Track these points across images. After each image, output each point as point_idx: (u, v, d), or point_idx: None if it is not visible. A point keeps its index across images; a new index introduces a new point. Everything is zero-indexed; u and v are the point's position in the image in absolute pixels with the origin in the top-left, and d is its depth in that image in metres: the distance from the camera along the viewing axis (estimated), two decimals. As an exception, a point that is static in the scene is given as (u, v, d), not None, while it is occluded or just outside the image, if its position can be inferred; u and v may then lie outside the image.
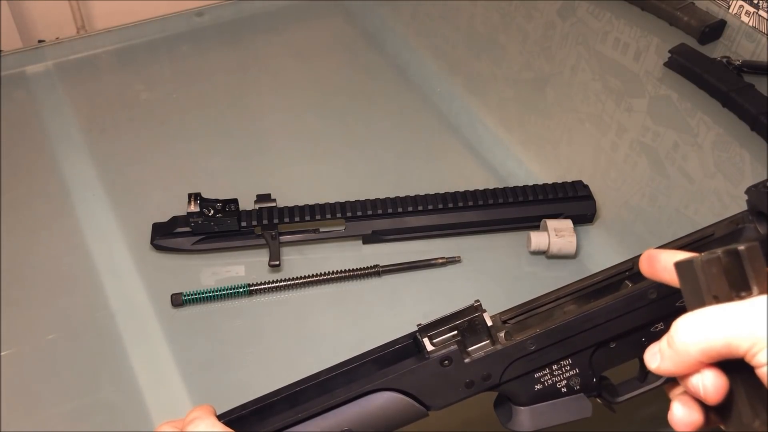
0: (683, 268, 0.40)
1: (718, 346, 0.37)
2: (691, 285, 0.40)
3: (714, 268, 0.38)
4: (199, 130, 0.96)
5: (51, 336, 0.73)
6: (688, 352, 0.38)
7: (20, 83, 1.03)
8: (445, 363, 0.49)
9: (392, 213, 0.80)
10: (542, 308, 0.52)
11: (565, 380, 0.52)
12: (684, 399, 0.43)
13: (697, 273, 0.39)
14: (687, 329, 0.39)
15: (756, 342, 0.36)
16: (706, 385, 0.39)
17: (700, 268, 0.39)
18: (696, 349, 0.38)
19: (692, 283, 0.39)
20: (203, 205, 0.77)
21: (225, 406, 0.50)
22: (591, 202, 0.81)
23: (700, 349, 0.38)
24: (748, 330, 0.36)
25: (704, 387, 0.39)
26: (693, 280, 0.39)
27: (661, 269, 0.45)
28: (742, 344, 0.36)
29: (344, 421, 0.48)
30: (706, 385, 0.39)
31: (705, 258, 0.38)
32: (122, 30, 1.11)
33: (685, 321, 0.39)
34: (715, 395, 0.39)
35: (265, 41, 1.11)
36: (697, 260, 0.39)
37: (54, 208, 0.86)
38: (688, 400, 0.42)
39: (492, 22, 1.14)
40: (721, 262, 0.38)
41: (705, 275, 0.38)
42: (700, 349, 0.38)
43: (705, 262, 0.38)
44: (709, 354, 0.38)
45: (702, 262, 0.38)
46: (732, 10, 1.09)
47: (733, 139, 0.93)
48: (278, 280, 0.76)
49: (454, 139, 0.95)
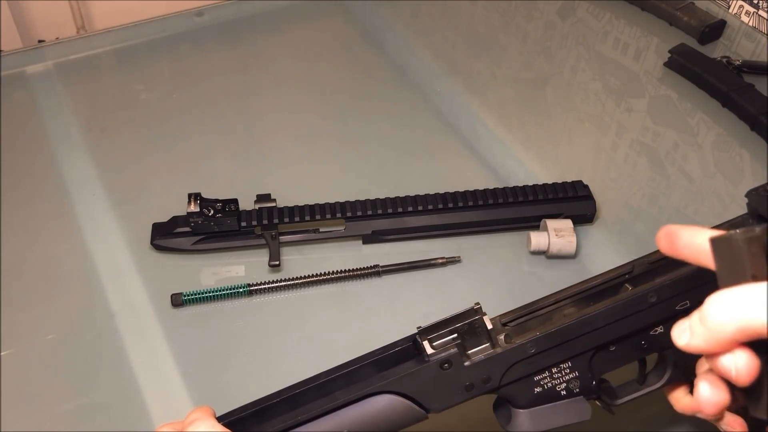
0: (720, 244, 0.38)
1: (756, 325, 0.35)
2: (728, 262, 0.38)
3: (754, 246, 0.37)
4: (199, 130, 0.96)
5: (51, 336, 0.73)
6: (722, 330, 0.37)
7: (20, 83, 1.03)
8: (445, 366, 0.49)
9: (392, 213, 0.80)
10: (542, 311, 0.52)
11: (565, 383, 0.52)
12: (711, 378, 0.41)
13: (736, 251, 0.37)
14: (724, 306, 0.37)
15: None
16: (739, 366, 0.37)
17: (740, 246, 0.37)
18: (731, 328, 0.36)
19: (729, 260, 0.38)
20: (203, 205, 0.77)
21: (225, 406, 0.50)
22: (591, 202, 0.81)
23: (737, 327, 0.36)
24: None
25: (737, 368, 0.37)
26: (730, 257, 0.38)
27: (682, 246, 0.43)
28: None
29: (344, 424, 0.48)
30: (738, 367, 0.37)
31: (745, 236, 0.37)
32: (122, 30, 1.11)
33: (722, 297, 0.37)
34: (748, 377, 0.37)
35: (266, 41, 1.11)
36: (737, 237, 0.37)
37: (54, 208, 0.86)
38: (715, 379, 0.41)
39: (492, 22, 1.14)
40: (761, 240, 0.36)
41: (745, 253, 0.37)
42: (736, 328, 0.36)
43: (745, 239, 0.37)
44: (745, 332, 0.36)
45: (743, 239, 0.37)
46: (732, 10, 1.09)
47: (733, 139, 0.93)
48: (278, 280, 0.76)
49: (454, 139, 0.95)
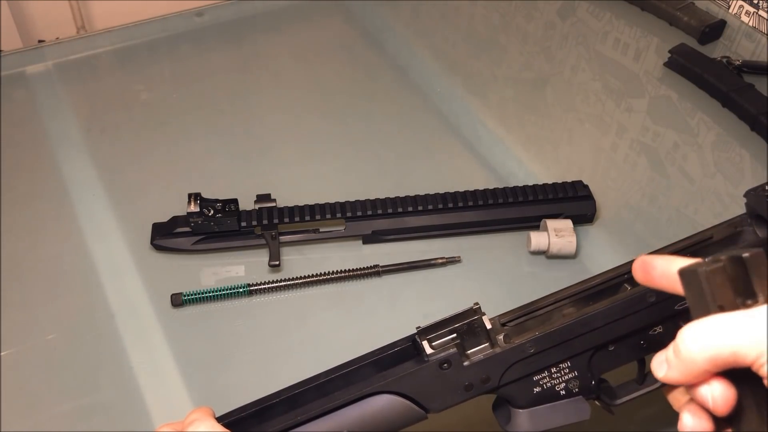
0: (687, 276, 0.39)
1: (724, 355, 0.37)
2: (696, 293, 0.39)
3: (719, 277, 0.37)
4: (199, 130, 0.96)
5: (51, 336, 0.73)
6: (694, 361, 0.38)
7: (20, 83, 1.03)
8: (444, 366, 0.49)
9: (392, 213, 0.80)
10: (541, 311, 0.52)
11: (564, 383, 0.52)
12: (692, 408, 0.42)
13: (701, 282, 0.38)
14: (693, 338, 0.38)
15: (762, 352, 0.36)
16: (715, 396, 0.38)
17: (705, 278, 0.38)
18: (702, 358, 0.38)
19: (697, 291, 0.39)
20: (203, 205, 0.77)
21: (225, 406, 0.50)
22: (591, 202, 0.81)
23: (707, 358, 0.37)
24: (755, 340, 0.36)
25: (713, 398, 0.38)
26: (697, 288, 0.38)
27: (658, 276, 0.44)
28: (749, 354, 0.36)
29: (343, 424, 0.48)
30: (714, 397, 0.38)
31: (709, 267, 0.38)
32: (122, 30, 1.11)
33: (691, 330, 0.38)
34: (724, 406, 0.38)
35: (266, 41, 1.11)
36: (702, 269, 0.38)
37: (54, 208, 0.86)
38: (697, 409, 0.42)
39: (492, 22, 1.14)
40: (726, 270, 0.37)
41: (710, 284, 0.38)
42: (707, 358, 0.37)
43: (710, 272, 0.37)
44: (715, 363, 0.37)
45: (707, 272, 0.38)
46: (732, 10, 1.09)
47: (733, 139, 0.93)
48: (278, 280, 0.77)
49: (454, 139, 0.95)
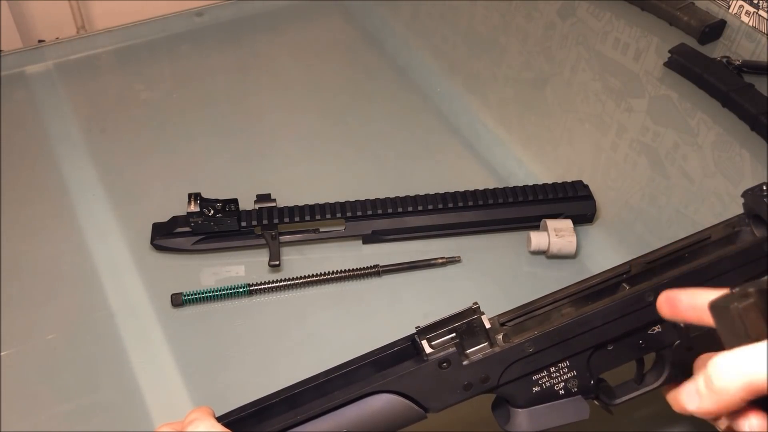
0: (719, 312, 0.40)
1: (759, 382, 0.37)
2: (728, 327, 0.39)
3: (752, 313, 0.38)
4: (199, 130, 0.96)
5: (51, 336, 0.73)
6: (728, 392, 0.38)
7: (20, 83, 1.03)
8: (444, 365, 0.49)
9: (392, 213, 0.80)
10: (540, 311, 0.53)
11: (563, 382, 0.52)
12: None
13: (734, 319, 0.39)
14: (727, 368, 0.38)
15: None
16: (753, 428, 0.39)
17: (738, 314, 0.38)
18: (736, 388, 0.38)
19: (729, 325, 0.39)
20: (203, 205, 0.77)
21: (224, 406, 0.50)
22: (591, 202, 0.81)
23: (742, 387, 0.37)
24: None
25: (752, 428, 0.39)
26: (730, 323, 0.39)
27: (684, 310, 0.45)
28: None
29: (343, 424, 0.48)
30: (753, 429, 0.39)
31: (741, 304, 0.38)
32: (122, 30, 1.11)
33: (725, 360, 0.38)
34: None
35: (265, 41, 1.11)
36: (734, 306, 0.38)
37: (54, 208, 0.86)
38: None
39: (492, 22, 1.14)
40: (758, 306, 0.38)
41: (743, 320, 0.38)
42: (741, 387, 0.37)
43: (743, 309, 0.38)
44: (751, 392, 0.37)
45: (739, 308, 0.38)
46: (732, 10, 1.09)
47: (733, 139, 0.93)
48: (278, 280, 0.77)
49: (454, 139, 0.95)
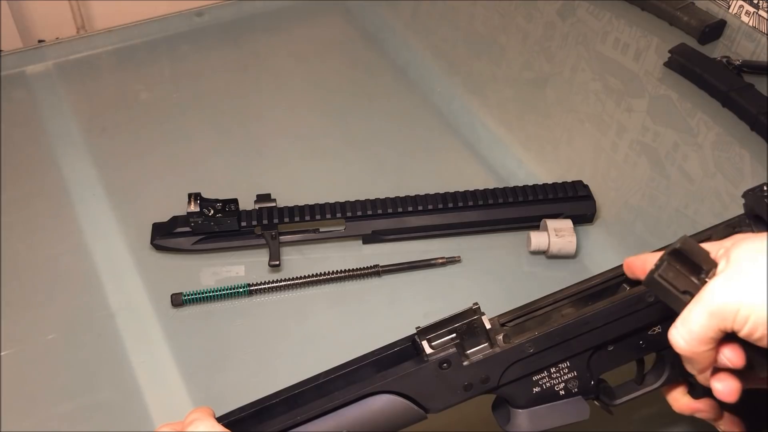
0: (651, 284, 0.46)
1: (710, 335, 0.43)
2: (664, 292, 0.46)
3: (670, 272, 0.45)
4: (199, 130, 0.96)
5: (51, 336, 0.73)
6: (695, 352, 0.44)
7: (20, 83, 1.03)
8: (444, 366, 0.49)
9: (392, 213, 0.80)
10: (540, 311, 0.53)
11: (563, 383, 0.52)
12: (717, 377, 0.47)
13: (661, 283, 0.45)
14: (680, 338, 0.44)
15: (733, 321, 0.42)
16: (730, 357, 0.44)
17: (661, 278, 0.45)
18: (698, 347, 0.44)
19: (663, 291, 0.45)
20: (203, 205, 0.77)
21: (225, 406, 0.50)
22: (591, 202, 0.81)
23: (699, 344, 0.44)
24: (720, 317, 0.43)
25: (729, 360, 0.44)
26: (662, 288, 0.45)
27: (640, 272, 0.50)
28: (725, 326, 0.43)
29: (343, 424, 0.48)
30: (729, 358, 0.44)
31: (659, 269, 0.45)
32: (122, 30, 1.11)
33: (674, 332, 0.45)
34: (739, 360, 0.44)
35: (265, 41, 1.11)
36: (656, 274, 0.45)
37: (54, 208, 0.86)
38: (720, 376, 0.47)
39: (492, 22, 1.14)
40: (671, 264, 0.45)
41: (667, 281, 0.45)
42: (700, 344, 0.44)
43: (662, 271, 0.45)
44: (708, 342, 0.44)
45: (659, 274, 0.45)
46: (732, 10, 1.09)
47: (733, 139, 0.93)
48: (278, 280, 0.77)
49: (454, 139, 0.95)
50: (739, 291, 0.42)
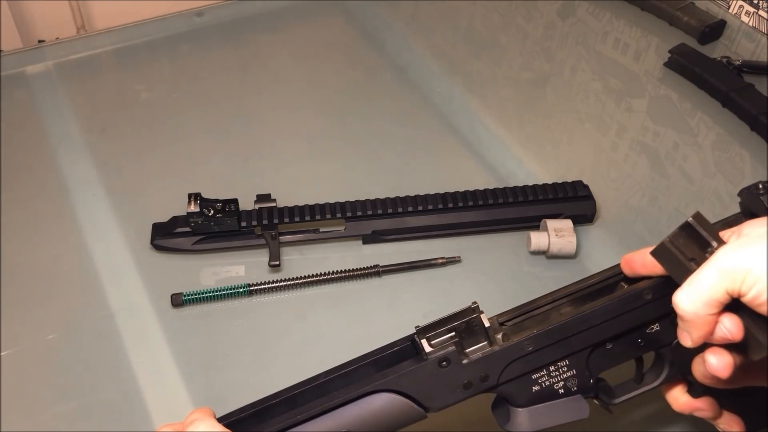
0: (659, 252, 0.47)
1: (717, 297, 0.44)
2: (670, 260, 0.47)
3: (680, 239, 0.46)
4: (199, 130, 0.96)
5: (51, 336, 0.73)
6: (698, 315, 0.44)
7: (20, 83, 1.03)
8: (443, 364, 0.49)
9: (392, 213, 0.80)
10: (539, 310, 0.53)
11: (563, 381, 0.52)
12: (712, 350, 0.47)
13: (670, 249, 0.46)
14: (686, 299, 0.45)
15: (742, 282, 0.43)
16: (728, 327, 0.45)
17: (670, 244, 0.46)
18: (703, 309, 0.44)
19: (670, 258, 0.47)
20: (203, 205, 0.77)
21: (225, 406, 0.50)
22: (591, 202, 0.81)
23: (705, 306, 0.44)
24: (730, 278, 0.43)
25: (728, 330, 0.45)
26: (669, 256, 0.47)
27: (639, 267, 0.51)
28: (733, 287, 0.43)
29: (343, 423, 0.48)
30: (728, 328, 0.45)
31: (670, 236, 0.46)
32: (122, 30, 1.11)
33: (681, 292, 0.45)
34: (738, 332, 0.45)
35: (266, 41, 1.12)
36: (666, 240, 0.47)
37: (54, 208, 0.86)
38: (715, 350, 0.47)
39: (492, 22, 1.14)
40: (682, 234, 0.46)
41: (676, 247, 0.46)
42: (705, 306, 0.44)
43: (672, 237, 0.46)
44: (714, 305, 0.44)
45: (670, 239, 0.46)
46: (732, 10, 1.09)
47: (733, 139, 0.93)
48: (278, 280, 0.77)
49: (454, 139, 0.95)
50: (751, 256, 0.43)
